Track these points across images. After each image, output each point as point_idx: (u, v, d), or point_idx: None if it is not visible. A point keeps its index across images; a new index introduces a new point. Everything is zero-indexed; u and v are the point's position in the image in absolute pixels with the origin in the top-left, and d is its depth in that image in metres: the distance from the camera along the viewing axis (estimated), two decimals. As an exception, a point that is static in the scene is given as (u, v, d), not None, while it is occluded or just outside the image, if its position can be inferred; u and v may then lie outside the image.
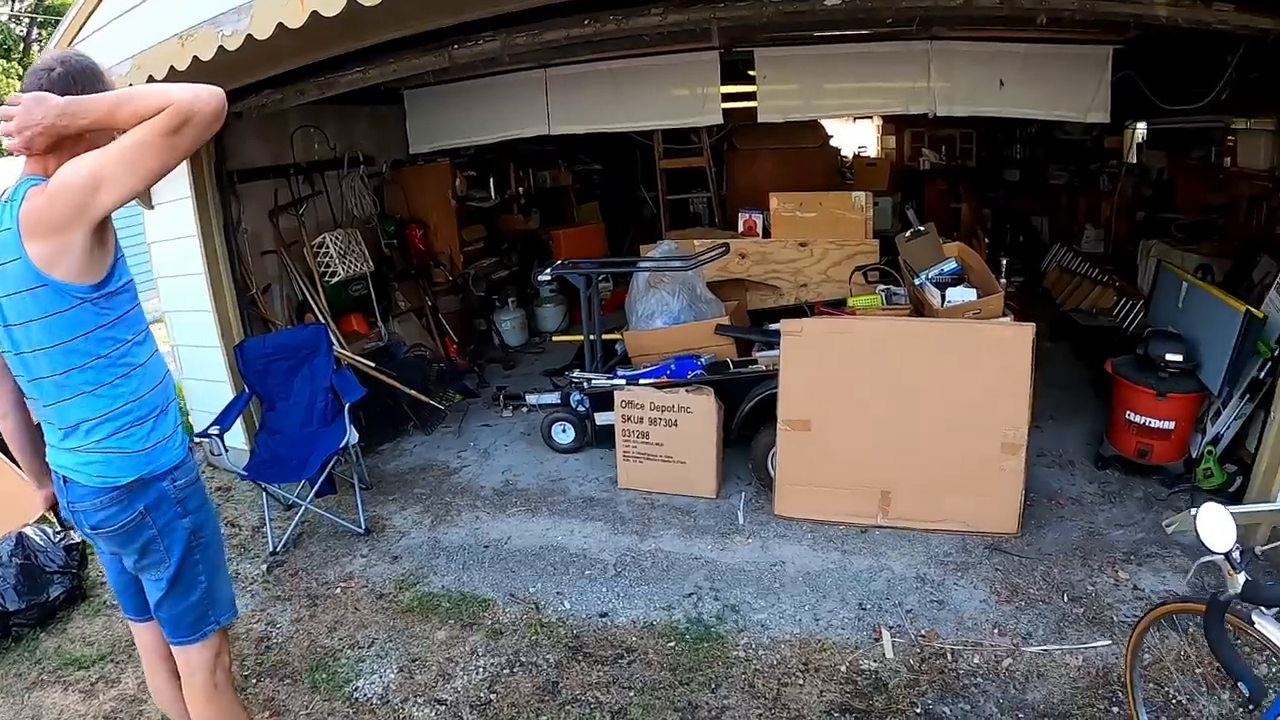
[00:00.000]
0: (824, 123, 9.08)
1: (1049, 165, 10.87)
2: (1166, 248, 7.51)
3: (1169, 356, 5.02)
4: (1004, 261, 6.15)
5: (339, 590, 4.62)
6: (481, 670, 3.80)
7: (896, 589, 4.13)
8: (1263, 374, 4.78)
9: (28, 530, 4.71)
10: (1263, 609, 2.34)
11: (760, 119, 6.58)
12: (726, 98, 6.71)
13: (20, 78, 24.60)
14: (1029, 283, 8.78)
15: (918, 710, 3.34)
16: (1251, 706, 2.34)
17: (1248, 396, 4.92)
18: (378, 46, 4.80)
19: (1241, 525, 2.22)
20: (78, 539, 4.83)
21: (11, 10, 26.58)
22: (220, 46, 3.85)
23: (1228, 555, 2.33)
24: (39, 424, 2.57)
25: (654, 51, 6.34)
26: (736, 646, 3.81)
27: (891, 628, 3.84)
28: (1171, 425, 5.04)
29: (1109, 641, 3.69)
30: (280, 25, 3.56)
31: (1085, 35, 5.47)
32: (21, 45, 25.78)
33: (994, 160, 11.44)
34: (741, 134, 8.31)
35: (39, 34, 25.99)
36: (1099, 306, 7.97)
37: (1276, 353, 4.65)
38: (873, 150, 11.04)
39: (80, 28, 4.87)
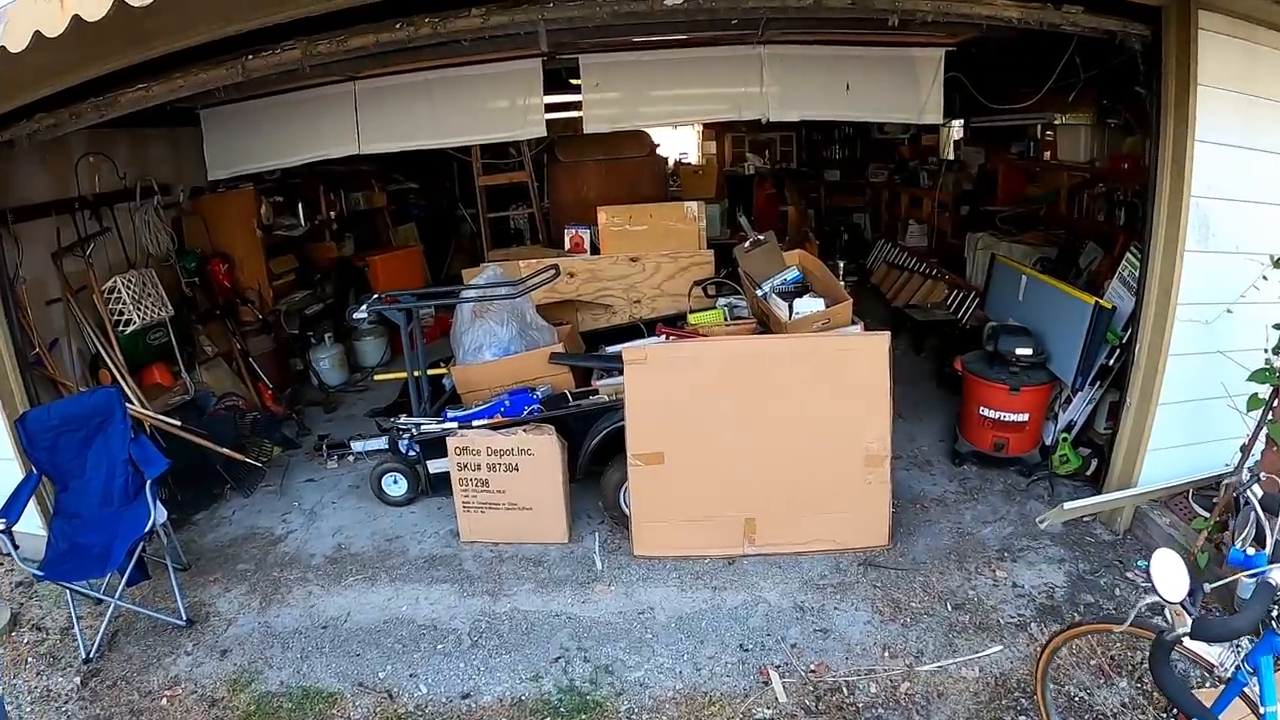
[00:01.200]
0: (649, 130, 8.93)
1: (868, 164, 11.17)
2: (993, 240, 7.87)
3: (1019, 351, 5.17)
4: (840, 264, 6.18)
5: (165, 700, 4.03)
6: (338, 786, 3.34)
7: (776, 622, 3.99)
8: (1112, 360, 5.06)
9: None
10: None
11: (586, 129, 6.35)
12: (549, 108, 6.47)
13: None
14: (858, 279, 8.89)
15: (827, 754, 3.17)
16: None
17: (1098, 383, 5.20)
18: (164, 59, 4.26)
19: (1106, 512, 2.19)
20: None
21: None
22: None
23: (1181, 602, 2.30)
24: None
25: (472, 61, 5.99)
26: (618, 713, 3.57)
27: (778, 667, 3.70)
28: (1026, 417, 5.23)
29: (1000, 646, 3.70)
30: (38, 34, 3.04)
31: (919, 38, 5.50)
32: None
33: (814, 161, 11.70)
34: (563, 145, 8.01)
35: None
36: (932, 300, 8.11)
37: (1124, 339, 4.84)
38: (694, 157, 11.09)
39: None
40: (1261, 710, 2.26)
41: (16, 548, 4.30)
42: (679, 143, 11.17)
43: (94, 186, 6.27)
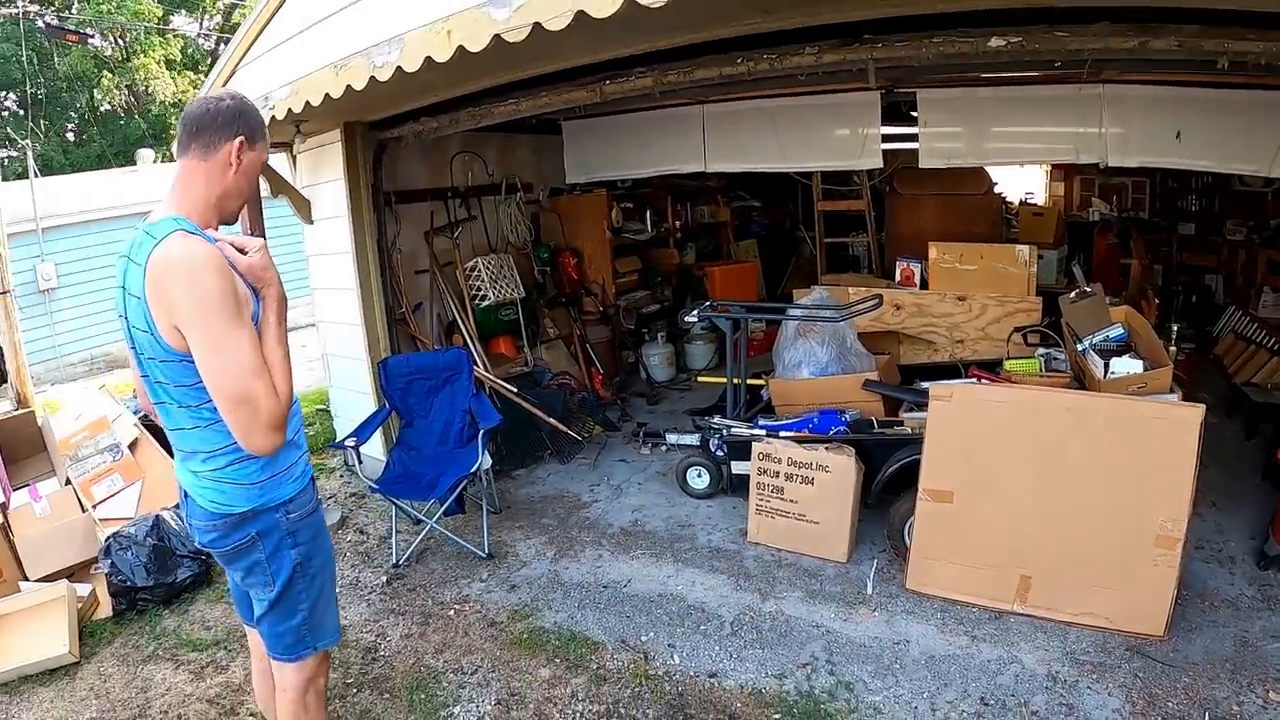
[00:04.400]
0: (989, 168, 8.76)
1: (1225, 219, 9.94)
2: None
3: None
4: (1174, 329, 5.65)
5: (452, 612, 4.67)
6: (578, 716, 3.72)
7: (1024, 686, 3.81)
8: None
9: (165, 514, 5.11)
10: None
11: (922, 164, 6.31)
12: (888, 139, 6.47)
13: None
14: (1199, 349, 8.16)
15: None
16: None
17: None
18: (532, 79, 4.85)
19: None
20: None
21: (200, 28, 28.65)
22: (371, 77, 3.96)
23: None
24: None
25: (814, 91, 6.17)
26: None
27: None
28: None
29: (1242, 777, 3.32)
30: (428, 59, 3.62)
31: (1267, 80, 5.02)
32: (209, 59, 27.66)
33: (1167, 212, 10.57)
34: (903, 177, 8.03)
35: (224, 48, 27.98)
36: (1276, 381, 7.34)
37: None
38: (1040, 197, 10.47)
39: (244, 53, 5.13)
40: None
41: (360, 463, 5.21)
42: (1026, 182, 10.60)
43: (466, 180, 7.30)
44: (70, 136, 26.29)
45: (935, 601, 4.47)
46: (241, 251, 2.40)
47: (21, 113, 23.36)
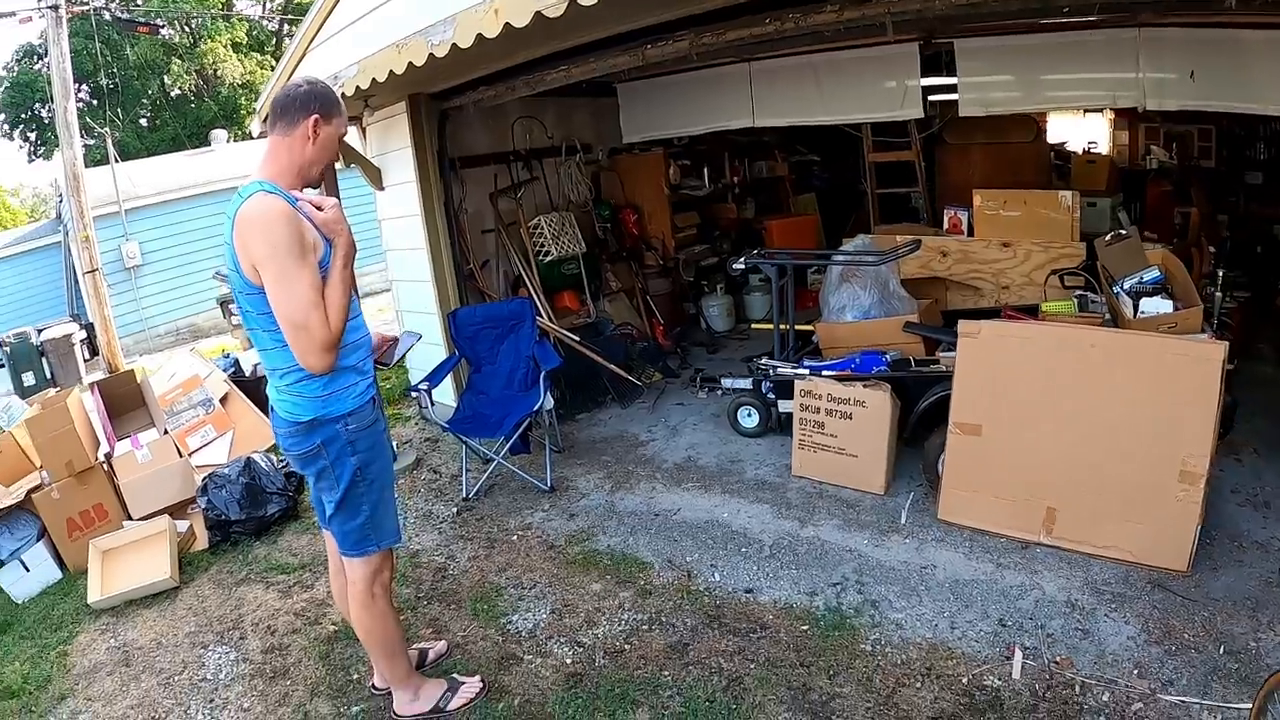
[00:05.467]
0: (1053, 117, 8.78)
1: None
2: None
3: None
4: (1220, 273, 5.73)
5: (515, 537, 5.15)
6: (623, 623, 4.13)
7: (1043, 610, 3.96)
8: None
9: (256, 456, 5.70)
10: None
11: (961, 113, 6.47)
12: (930, 89, 6.63)
13: (272, 69, 27.31)
14: (1260, 300, 8.05)
15: (1027, 737, 3.27)
16: None
17: None
18: (579, 47, 5.20)
19: None
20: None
21: (263, 10, 29.42)
22: (430, 54, 4.38)
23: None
24: None
25: (855, 44, 6.35)
26: (865, 641, 3.85)
27: (1026, 649, 3.71)
28: None
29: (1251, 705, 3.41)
30: (479, 35, 4.02)
31: None
32: (273, 40, 28.44)
33: (1234, 160, 10.16)
34: (952, 128, 8.14)
35: (289, 29, 28.73)
36: None
37: None
38: (1104, 146, 10.30)
39: (315, 34, 5.60)
40: None
41: (432, 405, 5.70)
42: (1089, 131, 10.41)
43: (527, 143, 7.69)
44: (143, 122, 27.25)
45: (964, 531, 4.66)
46: (318, 209, 2.89)
47: (95, 102, 24.33)
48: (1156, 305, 4.88)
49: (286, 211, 2.74)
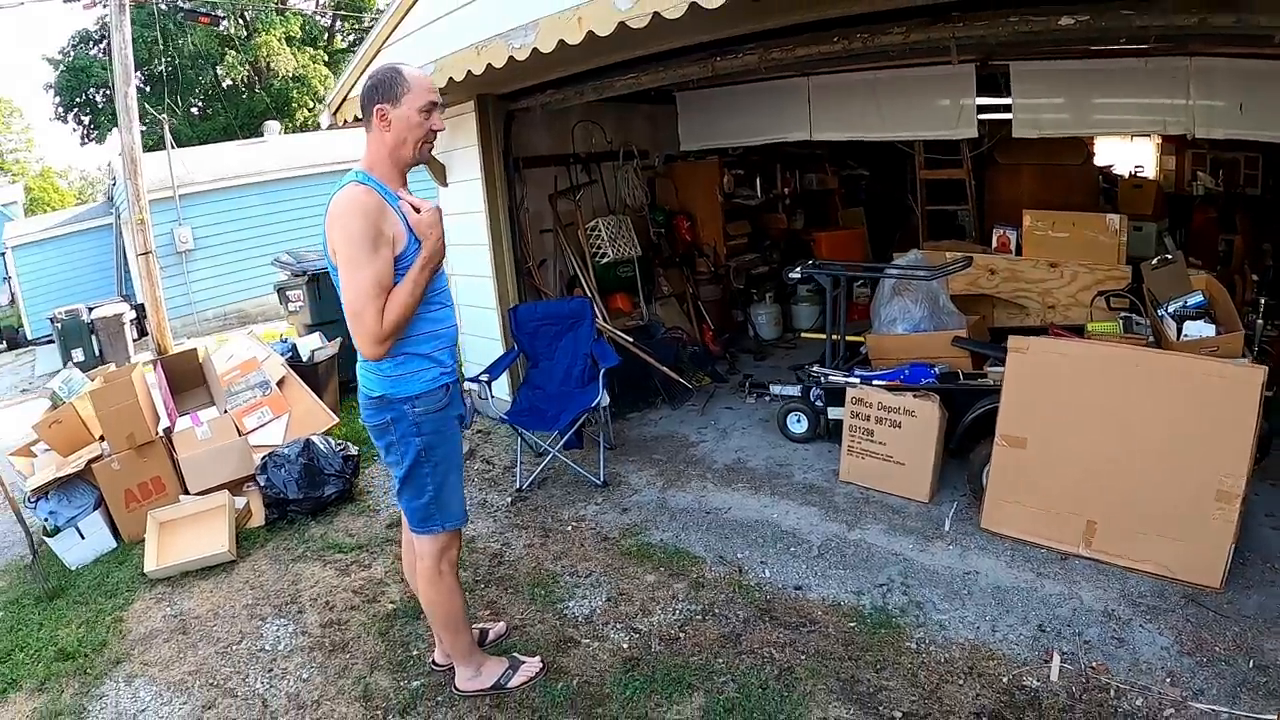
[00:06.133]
0: (1100, 140, 8.85)
1: None
2: None
3: None
4: (1262, 301, 5.81)
5: (570, 528, 5.32)
6: (677, 612, 4.28)
7: (1081, 619, 4.09)
8: None
9: (315, 438, 5.89)
10: None
11: (1015, 133, 6.62)
12: (985, 109, 6.75)
13: (325, 63, 27.77)
14: None
15: (1063, 735, 3.39)
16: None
17: None
18: (651, 56, 5.40)
19: None
20: (354, 450, 6.04)
21: (315, 5, 29.83)
22: (510, 57, 4.57)
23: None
24: None
25: (913, 63, 6.53)
26: (910, 639, 3.99)
27: (1064, 654, 3.84)
28: None
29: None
30: (561, 42, 4.21)
31: None
32: (325, 35, 28.84)
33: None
34: (1003, 148, 8.23)
35: (341, 25, 29.08)
36: None
37: None
38: (1150, 170, 10.33)
39: (391, 32, 5.75)
40: None
41: (492, 397, 5.91)
42: (1136, 156, 10.42)
43: (586, 147, 7.89)
44: (194, 111, 27.68)
45: (1007, 541, 4.79)
46: (416, 209, 3.10)
47: (148, 89, 24.77)
48: (1199, 329, 5.00)
49: (368, 204, 2.95)
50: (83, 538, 5.50)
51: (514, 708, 3.66)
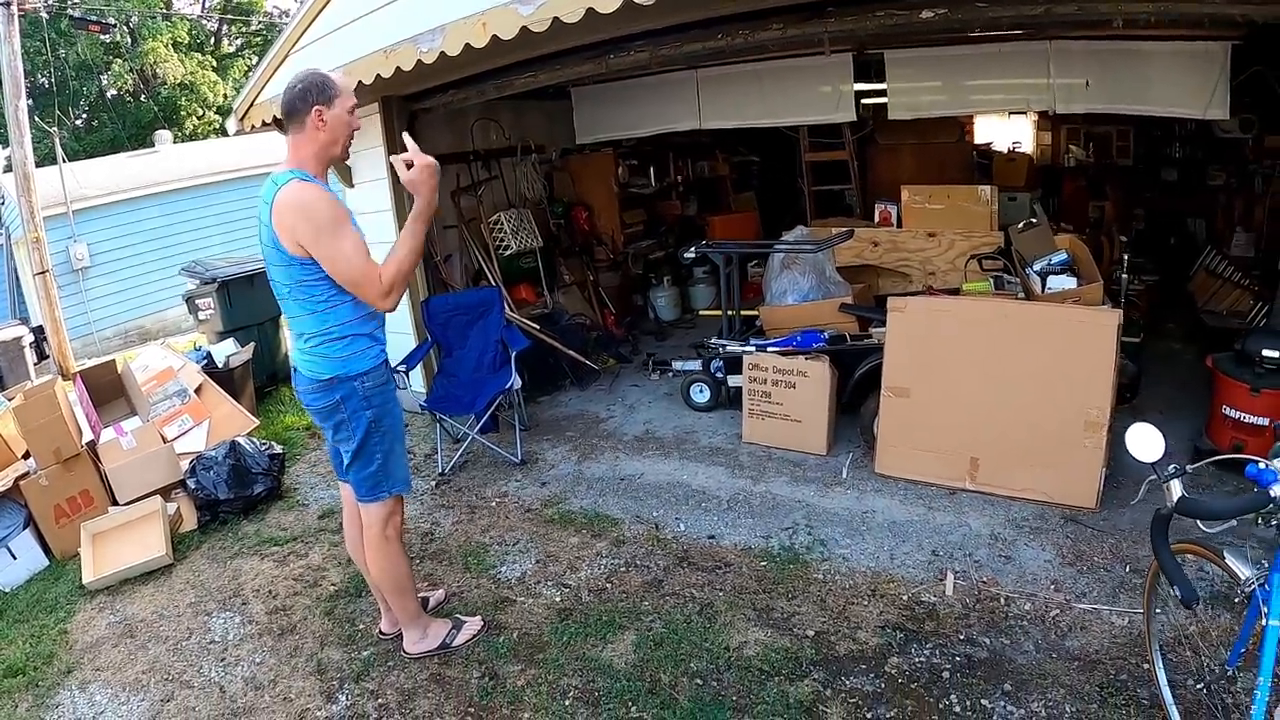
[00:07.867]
0: (979, 119, 9.46)
1: (1207, 165, 10.30)
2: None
3: (1265, 352, 4.87)
4: (1125, 257, 6.29)
5: (494, 504, 5.59)
6: (603, 567, 4.62)
7: (970, 542, 4.52)
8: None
9: (240, 439, 6.04)
10: (1202, 524, 2.80)
11: (890, 116, 7.10)
12: (862, 94, 7.22)
13: (214, 69, 27.14)
14: (1171, 285, 8.64)
15: (961, 637, 3.77)
16: (1185, 606, 2.58)
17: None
18: (548, 55, 5.67)
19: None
20: (279, 449, 6.20)
21: (201, 9, 29.21)
22: (418, 60, 4.83)
23: (1155, 466, 2.80)
24: None
25: (795, 54, 6.93)
26: (817, 571, 4.39)
27: (957, 572, 4.25)
28: (1265, 421, 4.89)
29: (1157, 610, 3.79)
30: (467, 45, 4.49)
31: (1201, 33, 5.52)
32: (212, 40, 28.30)
33: (1151, 159, 10.88)
34: (882, 129, 8.76)
35: (228, 29, 28.54)
36: (1231, 309, 7.84)
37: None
38: (1027, 145, 10.87)
39: (299, 38, 5.87)
40: (1265, 622, 2.43)
41: (409, 387, 6.19)
42: (1013, 132, 10.94)
43: (486, 144, 8.12)
44: (79, 124, 26.79)
45: (899, 483, 5.25)
46: (408, 166, 3.33)
47: (31, 102, 23.97)
48: (1062, 282, 5.56)
49: (321, 194, 3.20)
50: (15, 558, 5.43)
51: (461, 663, 3.94)
